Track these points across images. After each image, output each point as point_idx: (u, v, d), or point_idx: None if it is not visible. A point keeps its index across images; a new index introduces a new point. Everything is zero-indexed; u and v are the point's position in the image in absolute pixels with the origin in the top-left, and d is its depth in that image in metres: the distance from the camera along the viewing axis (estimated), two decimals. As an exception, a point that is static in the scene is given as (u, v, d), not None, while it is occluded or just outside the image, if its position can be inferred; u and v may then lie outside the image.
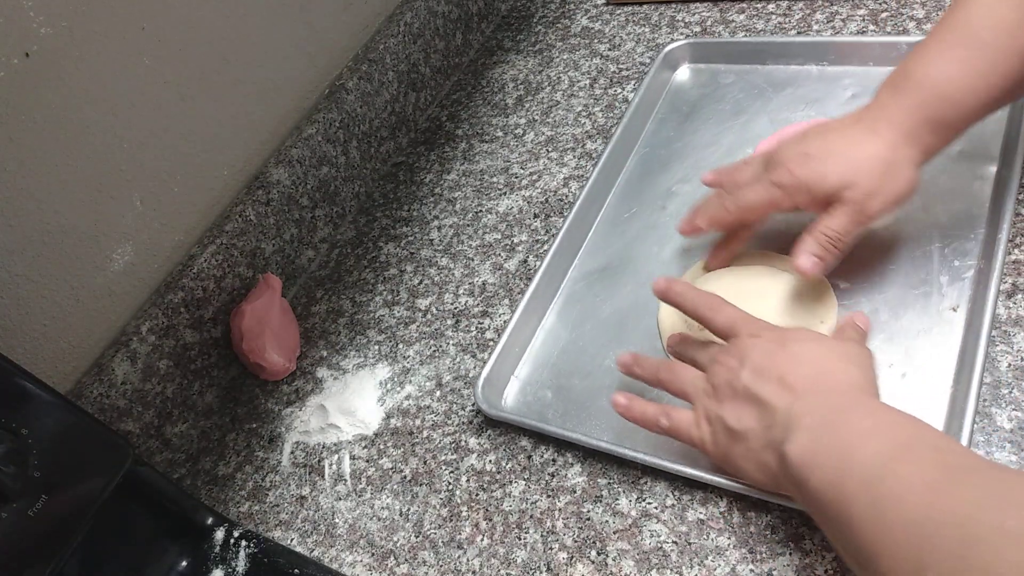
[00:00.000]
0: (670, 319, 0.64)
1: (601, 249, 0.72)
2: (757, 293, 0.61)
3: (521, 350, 0.67)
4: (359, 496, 0.63)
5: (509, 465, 0.60)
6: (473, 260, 0.76)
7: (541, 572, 0.54)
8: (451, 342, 0.70)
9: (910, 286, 0.59)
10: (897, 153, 0.53)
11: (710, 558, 0.51)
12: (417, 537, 0.59)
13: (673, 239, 0.69)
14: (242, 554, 0.61)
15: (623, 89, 0.85)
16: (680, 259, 0.68)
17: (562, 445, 0.60)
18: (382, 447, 0.65)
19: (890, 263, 0.61)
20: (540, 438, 0.61)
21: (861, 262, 0.62)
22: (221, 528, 0.62)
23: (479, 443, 0.62)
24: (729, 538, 0.52)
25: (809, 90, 0.75)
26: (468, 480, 0.60)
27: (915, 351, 0.56)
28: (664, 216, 0.72)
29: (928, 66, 0.53)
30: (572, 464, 0.59)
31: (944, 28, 0.54)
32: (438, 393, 0.67)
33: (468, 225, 0.79)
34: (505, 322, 0.67)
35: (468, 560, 0.56)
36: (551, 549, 0.55)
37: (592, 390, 0.62)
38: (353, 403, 0.68)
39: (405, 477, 0.62)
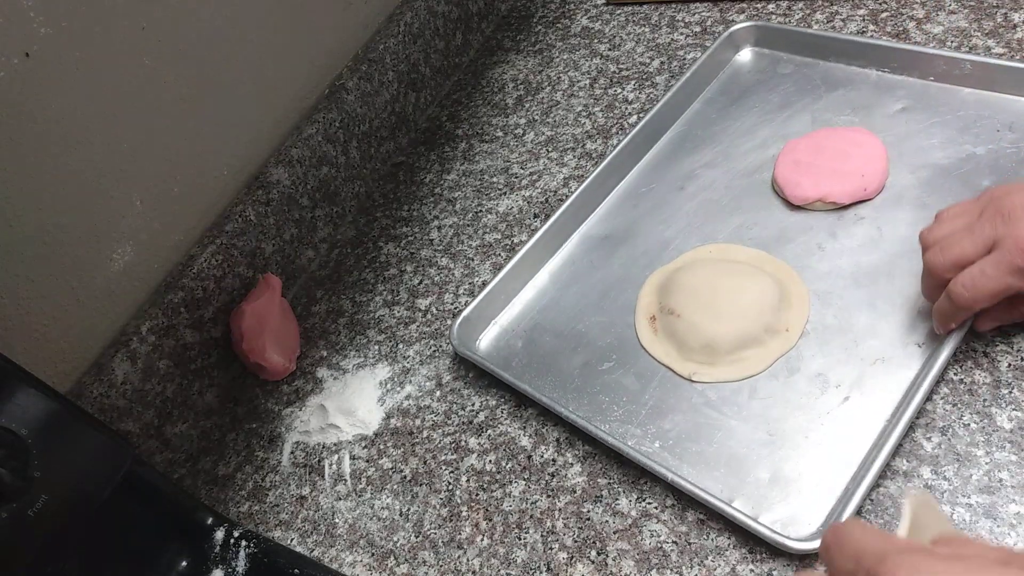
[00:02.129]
0: (647, 298, 0.65)
1: (610, 217, 0.73)
2: (732, 290, 0.61)
3: (508, 299, 0.69)
4: (359, 496, 0.63)
5: (509, 465, 0.60)
6: (473, 260, 0.76)
7: (541, 572, 0.54)
8: (451, 342, 0.70)
9: (884, 313, 0.58)
10: None
11: (710, 558, 0.51)
12: (417, 537, 0.59)
13: (679, 220, 0.70)
14: (242, 554, 0.61)
15: (623, 89, 0.85)
16: (682, 241, 0.68)
17: (562, 444, 0.60)
18: (382, 447, 0.65)
19: (871, 287, 0.60)
20: (540, 437, 0.61)
21: (842, 278, 0.61)
22: (221, 528, 0.62)
23: (479, 443, 0.62)
24: (729, 538, 0.52)
25: (861, 95, 0.73)
26: (468, 480, 0.60)
27: (868, 378, 0.55)
28: (680, 197, 0.72)
29: None
30: (572, 464, 0.59)
31: None
32: (438, 393, 0.67)
33: (468, 225, 0.79)
34: (499, 268, 0.70)
35: (468, 560, 0.56)
36: (551, 549, 0.55)
37: (557, 349, 0.65)
38: (353, 403, 0.68)
39: (405, 477, 0.62)
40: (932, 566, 0.30)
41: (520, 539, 0.56)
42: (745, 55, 0.82)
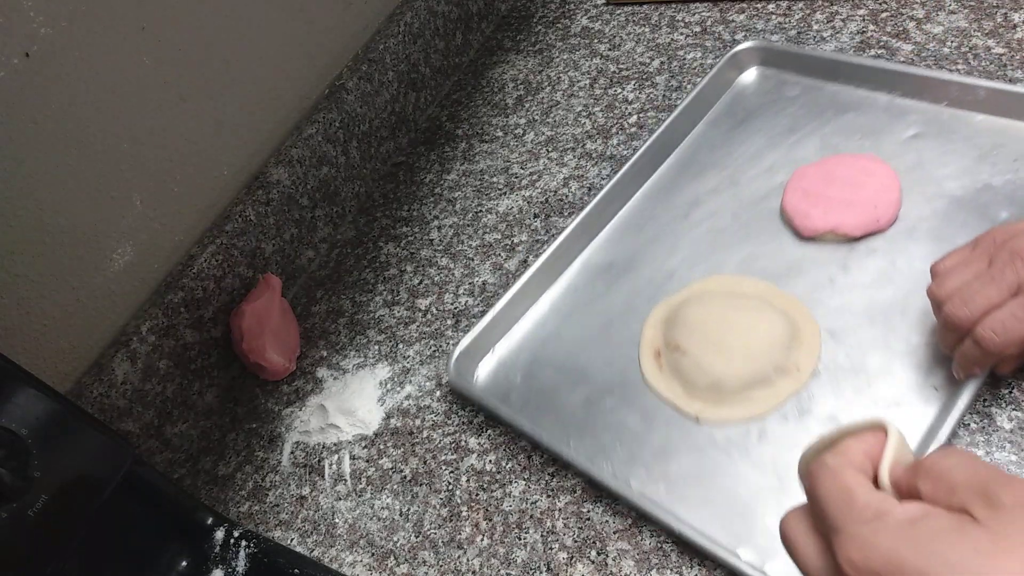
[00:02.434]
0: (652, 332, 0.63)
1: (613, 244, 0.71)
2: (740, 326, 0.59)
3: (506, 328, 0.67)
4: (359, 496, 0.63)
5: (509, 465, 0.60)
6: (473, 260, 0.76)
7: (541, 572, 0.54)
8: (451, 342, 0.70)
9: (899, 353, 0.56)
10: None
11: (711, 558, 0.51)
12: (417, 537, 0.59)
13: (684, 249, 0.68)
14: (242, 554, 0.61)
15: (623, 89, 0.85)
16: (686, 271, 0.66)
17: (562, 445, 0.60)
18: (382, 447, 0.65)
19: (885, 324, 0.58)
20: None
21: (855, 314, 0.59)
22: (221, 528, 0.62)
23: (479, 443, 0.62)
24: (729, 538, 0.52)
25: (871, 119, 0.70)
26: (468, 480, 0.60)
27: None
28: (684, 224, 0.69)
29: None
30: (572, 464, 0.59)
31: None
32: (438, 393, 0.67)
33: (468, 225, 0.79)
34: (498, 295, 0.68)
35: (468, 560, 0.56)
36: (551, 549, 0.55)
37: (558, 385, 0.63)
38: (353, 403, 0.68)
39: (405, 477, 0.62)
40: (880, 543, 0.29)
41: (520, 539, 0.56)
42: (750, 75, 0.79)
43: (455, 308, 0.72)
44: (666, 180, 0.74)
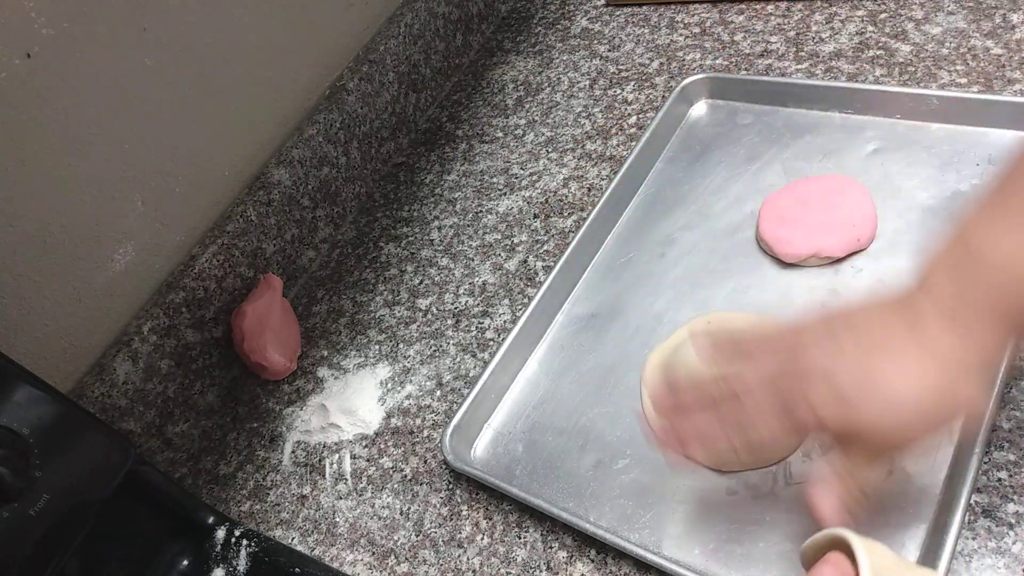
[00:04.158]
0: (654, 380, 0.60)
1: (593, 294, 0.68)
2: None
3: (498, 397, 0.64)
4: (360, 495, 0.63)
5: (509, 464, 0.60)
6: (473, 260, 0.76)
7: (541, 571, 0.54)
8: (451, 342, 0.70)
9: None
10: (957, 379, 0.40)
11: (709, 557, 0.51)
12: (417, 536, 0.59)
13: (667, 290, 0.66)
14: (243, 553, 0.61)
15: (623, 90, 0.85)
16: (674, 312, 0.64)
17: (562, 445, 0.60)
18: (383, 446, 0.65)
19: None
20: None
21: None
22: (222, 527, 0.62)
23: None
24: (728, 537, 0.52)
25: (829, 139, 0.70)
26: (468, 479, 0.60)
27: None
28: (662, 264, 0.68)
29: (1006, 243, 0.40)
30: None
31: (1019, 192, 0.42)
32: (438, 393, 0.67)
33: (468, 225, 0.79)
34: (486, 361, 0.65)
35: (468, 559, 0.56)
36: (551, 548, 0.55)
37: (563, 450, 0.59)
38: (354, 402, 0.68)
39: (406, 476, 0.63)
40: None
41: (520, 538, 0.56)
42: (700, 109, 0.79)
43: (455, 308, 0.73)
44: (634, 222, 0.72)
